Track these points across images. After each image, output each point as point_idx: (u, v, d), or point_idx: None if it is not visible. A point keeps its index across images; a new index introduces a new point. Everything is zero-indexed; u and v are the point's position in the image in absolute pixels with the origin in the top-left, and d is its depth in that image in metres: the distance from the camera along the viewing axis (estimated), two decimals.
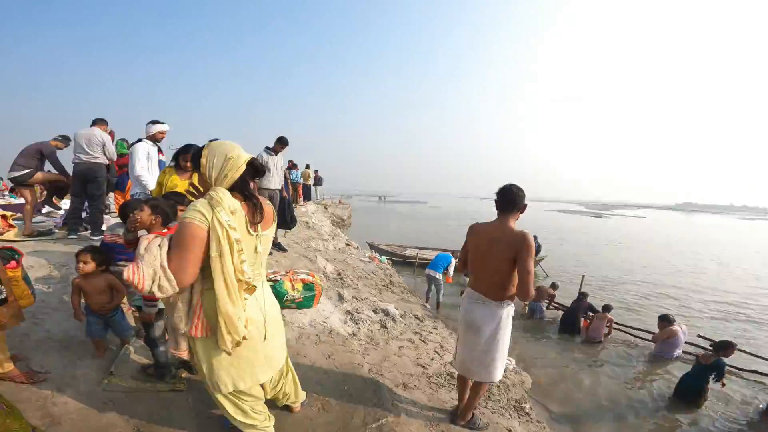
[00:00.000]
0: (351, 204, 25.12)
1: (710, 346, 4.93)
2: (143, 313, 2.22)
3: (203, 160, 1.40)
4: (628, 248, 21.15)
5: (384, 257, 9.41)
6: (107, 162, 4.77)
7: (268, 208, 1.53)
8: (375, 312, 4.59)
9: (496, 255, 2.18)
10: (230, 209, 1.33)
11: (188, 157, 2.95)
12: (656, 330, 6.12)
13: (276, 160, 5.42)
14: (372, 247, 13.45)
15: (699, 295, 10.75)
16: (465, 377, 2.55)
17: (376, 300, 5.07)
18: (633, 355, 6.06)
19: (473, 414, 2.61)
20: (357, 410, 2.45)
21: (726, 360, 4.61)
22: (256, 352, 1.58)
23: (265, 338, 1.59)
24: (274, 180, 5.43)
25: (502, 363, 2.38)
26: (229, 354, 1.45)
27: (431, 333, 4.67)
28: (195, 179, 1.55)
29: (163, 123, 4.12)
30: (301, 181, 13.21)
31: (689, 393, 4.57)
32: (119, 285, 2.39)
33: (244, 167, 1.40)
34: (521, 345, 6.24)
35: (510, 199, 2.21)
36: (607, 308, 6.68)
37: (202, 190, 1.49)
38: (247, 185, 1.43)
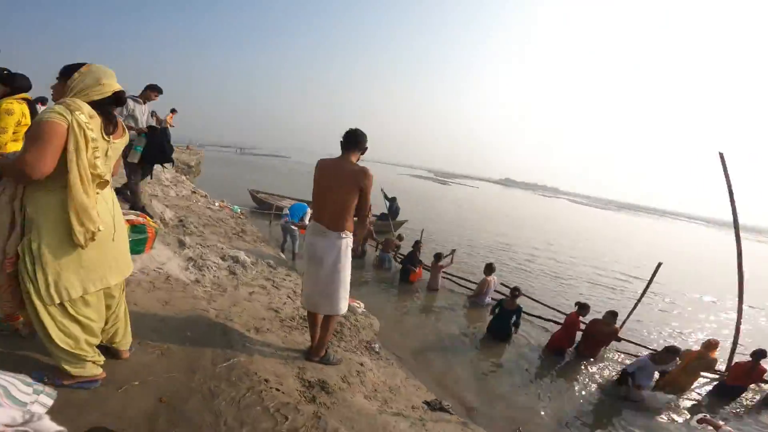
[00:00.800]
0: (202, 152, 22.45)
1: (510, 294, 6.04)
2: None
3: (76, 75, 1.51)
4: (470, 211, 25.11)
5: (237, 207, 8.80)
6: None
7: (121, 122, 1.71)
8: (223, 259, 4.31)
9: (339, 187, 2.36)
10: (89, 114, 1.47)
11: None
12: (479, 276, 7.32)
13: (144, 109, 4.68)
14: (252, 195, 13.94)
15: (515, 251, 13.61)
16: (314, 314, 2.65)
17: (224, 247, 4.76)
18: (457, 302, 7.12)
19: (326, 350, 2.76)
20: (204, 353, 2.31)
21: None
22: (105, 253, 1.63)
23: (113, 239, 1.66)
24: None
25: (345, 295, 2.55)
26: (82, 248, 1.50)
27: (284, 279, 4.66)
28: None
29: None
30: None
31: (500, 331, 5.63)
32: None
33: (108, 95, 1.57)
34: (371, 292, 6.75)
35: (353, 139, 2.45)
36: (438, 257, 7.57)
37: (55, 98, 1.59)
38: (105, 107, 1.58)
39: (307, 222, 7.08)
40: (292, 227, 7.04)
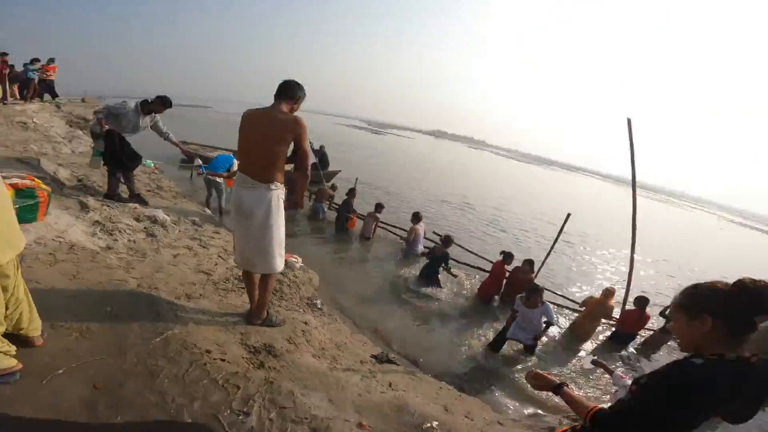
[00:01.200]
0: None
1: (439, 241, 6.17)
2: None
3: None
4: (404, 160, 25.59)
5: (149, 161, 7.79)
6: None
7: None
8: (138, 220, 3.84)
9: (269, 137, 2.20)
10: None
11: None
12: (410, 225, 7.41)
13: (145, 121, 4.66)
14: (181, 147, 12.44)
15: (449, 202, 14.08)
16: (250, 273, 2.49)
17: (137, 207, 4.22)
18: (391, 251, 7.25)
19: (268, 312, 2.63)
20: (131, 329, 2.07)
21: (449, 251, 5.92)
22: None
23: None
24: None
25: (280, 252, 2.41)
26: None
27: (212, 238, 4.33)
28: None
29: None
30: (36, 77, 11.31)
31: (429, 277, 5.84)
32: None
33: None
34: (306, 244, 6.57)
35: (286, 89, 2.32)
36: (377, 208, 7.57)
37: None
38: None
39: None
40: (217, 180, 6.45)
